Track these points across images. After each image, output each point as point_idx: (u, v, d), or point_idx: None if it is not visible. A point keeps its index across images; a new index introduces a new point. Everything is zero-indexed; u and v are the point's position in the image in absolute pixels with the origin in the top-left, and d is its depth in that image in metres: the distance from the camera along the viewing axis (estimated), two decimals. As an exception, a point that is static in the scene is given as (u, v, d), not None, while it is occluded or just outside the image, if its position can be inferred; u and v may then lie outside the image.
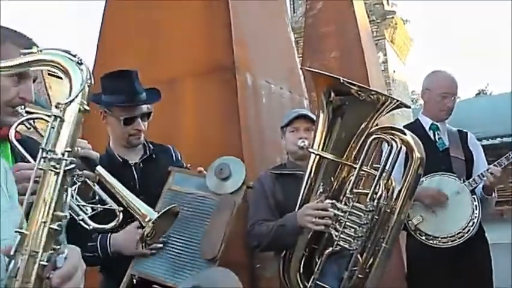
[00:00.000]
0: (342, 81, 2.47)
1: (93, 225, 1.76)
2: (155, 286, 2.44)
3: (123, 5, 3.91)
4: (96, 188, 1.89)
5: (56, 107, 1.10)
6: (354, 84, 2.48)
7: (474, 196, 3.22)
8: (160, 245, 2.51)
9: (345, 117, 2.57)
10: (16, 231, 0.99)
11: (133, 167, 2.71)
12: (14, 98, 1.73)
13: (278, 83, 3.98)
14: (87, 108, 1.12)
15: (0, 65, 1.11)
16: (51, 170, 1.04)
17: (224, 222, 2.53)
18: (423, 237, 3.22)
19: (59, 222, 1.02)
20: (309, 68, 2.76)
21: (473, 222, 3.16)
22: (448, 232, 3.16)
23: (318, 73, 2.69)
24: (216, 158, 2.74)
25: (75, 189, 1.78)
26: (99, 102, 2.71)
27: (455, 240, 3.14)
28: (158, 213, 2.05)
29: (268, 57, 4.01)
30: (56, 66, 1.12)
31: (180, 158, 2.91)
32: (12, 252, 0.98)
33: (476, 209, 3.19)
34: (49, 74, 15.50)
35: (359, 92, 2.49)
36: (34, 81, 1.79)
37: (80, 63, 1.13)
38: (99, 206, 1.84)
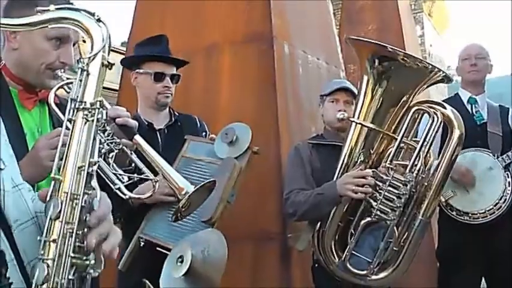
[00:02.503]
0: (389, 48, 2.46)
1: (129, 194, 1.77)
2: (159, 249, 2.45)
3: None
4: (133, 156, 1.91)
5: (79, 61, 1.11)
6: (401, 52, 2.46)
7: (508, 172, 3.17)
8: None
9: (388, 87, 2.55)
10: (52, 177, 1.03)
11: (158, 132, 2.75)
12: (54, 62, 1.77)
13: (315, 54, 3.97)
14: (111, 62, 1.12)
15: (13, 23, 1.09)
16: (84, 119, 1.06)
17: (222, 184, 2.48)
18: (454, 213, 3.20)
19: (93, 168, 1.06)
20: (354, 37, 2.73)
21: (505, 199, 3.11)
22: (479, 208, 3.13)
23: (364, 41, 2.67)
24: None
25: (112, 157, 1.80)
26: (132, 60, 2.83)
27: (486, 216, 3.11)
28: (195, 187, 2.07)
29: (306, 28, 3.99)
30: (76, 24, 1.11)
31: (205, 128, 2.92)
32: (48, 198, 1.02)
33: (509, 186, 3.13)
34: (84, 41, 15.54)
35: (405, 59, 2.46)
36: (74, 45, 1.82)
37: (99, 20, 1.12)
38: (135, 175, 1.86)
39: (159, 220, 2.53)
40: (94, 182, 1.07)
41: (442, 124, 2.53)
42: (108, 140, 1.83)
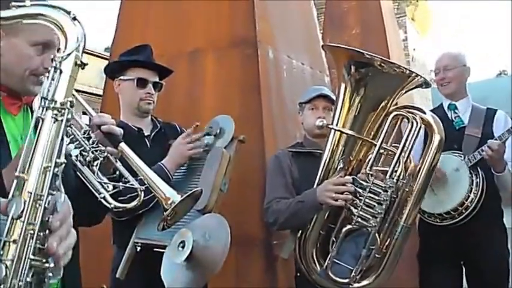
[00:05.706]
0: (365, 54, 2.45)
1: (114, 203, 1.75)
2: (156, 250, 2.46)
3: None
4: (118, 164, 1.89)
5: (52, 60, 1.12)
6: (378, 58, 2.46)
7: (476, 173, 3.15)
8: None
9: (366, 93, 2.55)
10: (16, 176, 1.02)
11: (146, 138, 2.76)
12: (38, 68, 1.73)
13: (299, 59, 3.98)
14: (84, 61, 1.13)
15: None
16: (53, 118, 1.06)
17: (213, 172, 2.54)
18: (425, 215, 3.23)
19: (58, 168, 1.05)
20: (330, 44, 2.75)
21: (472, 199, 3.09)
22: (445, 209, 3.14)
23: (340, 47, 2.66)
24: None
25: (97, 165, 1.79)
26: (115, 67, 2.85)
27: (454, 217, 3.11)
28: (181, 196, 2.07)
29: (290, 33, 4.01)
30: (51, 21, 1.11)
31: None
32: (10, 196, 1.01)
33: (475, 185, 3.12)
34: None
35: (382, 65, 2.46)
36: (58, 50, 1.82)
37: (74, 18, 1.12)
38: (120, 184, 1.85)
39: (151, 223, 2.52)
40: (59, 183, 1.07)
41: (420, 129, 2.53)
42: (93, 147, 1.82)
